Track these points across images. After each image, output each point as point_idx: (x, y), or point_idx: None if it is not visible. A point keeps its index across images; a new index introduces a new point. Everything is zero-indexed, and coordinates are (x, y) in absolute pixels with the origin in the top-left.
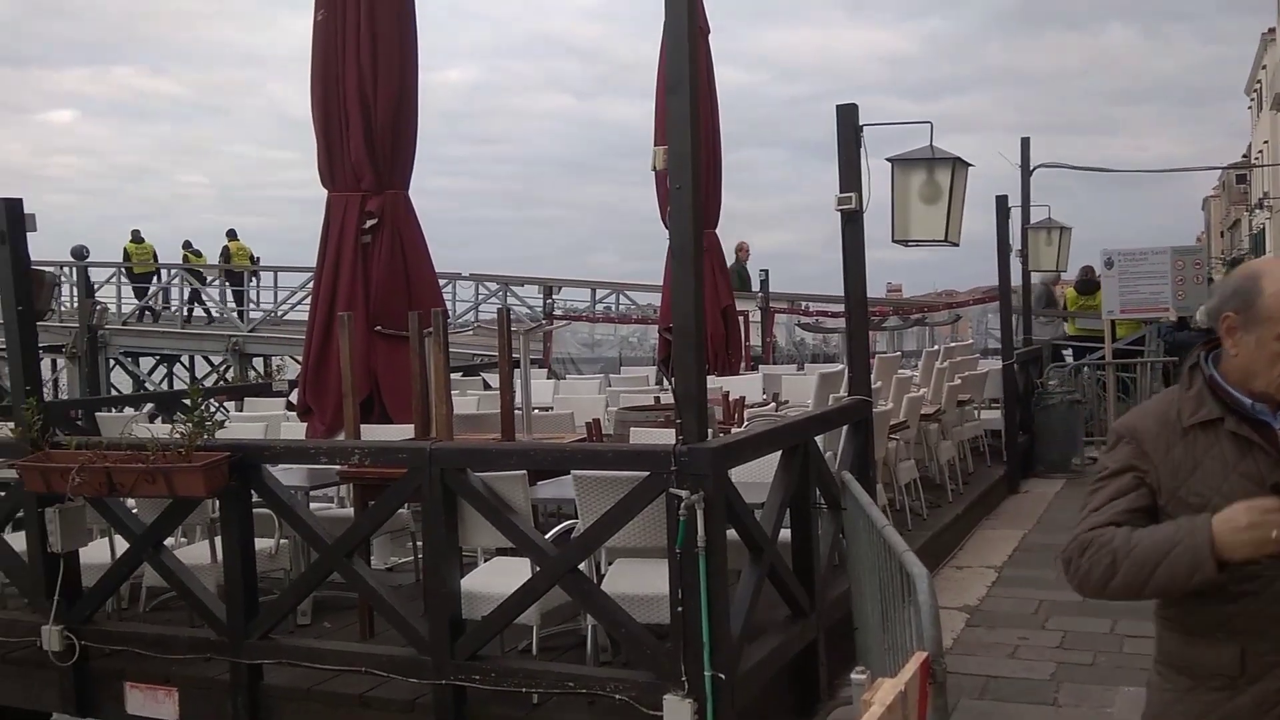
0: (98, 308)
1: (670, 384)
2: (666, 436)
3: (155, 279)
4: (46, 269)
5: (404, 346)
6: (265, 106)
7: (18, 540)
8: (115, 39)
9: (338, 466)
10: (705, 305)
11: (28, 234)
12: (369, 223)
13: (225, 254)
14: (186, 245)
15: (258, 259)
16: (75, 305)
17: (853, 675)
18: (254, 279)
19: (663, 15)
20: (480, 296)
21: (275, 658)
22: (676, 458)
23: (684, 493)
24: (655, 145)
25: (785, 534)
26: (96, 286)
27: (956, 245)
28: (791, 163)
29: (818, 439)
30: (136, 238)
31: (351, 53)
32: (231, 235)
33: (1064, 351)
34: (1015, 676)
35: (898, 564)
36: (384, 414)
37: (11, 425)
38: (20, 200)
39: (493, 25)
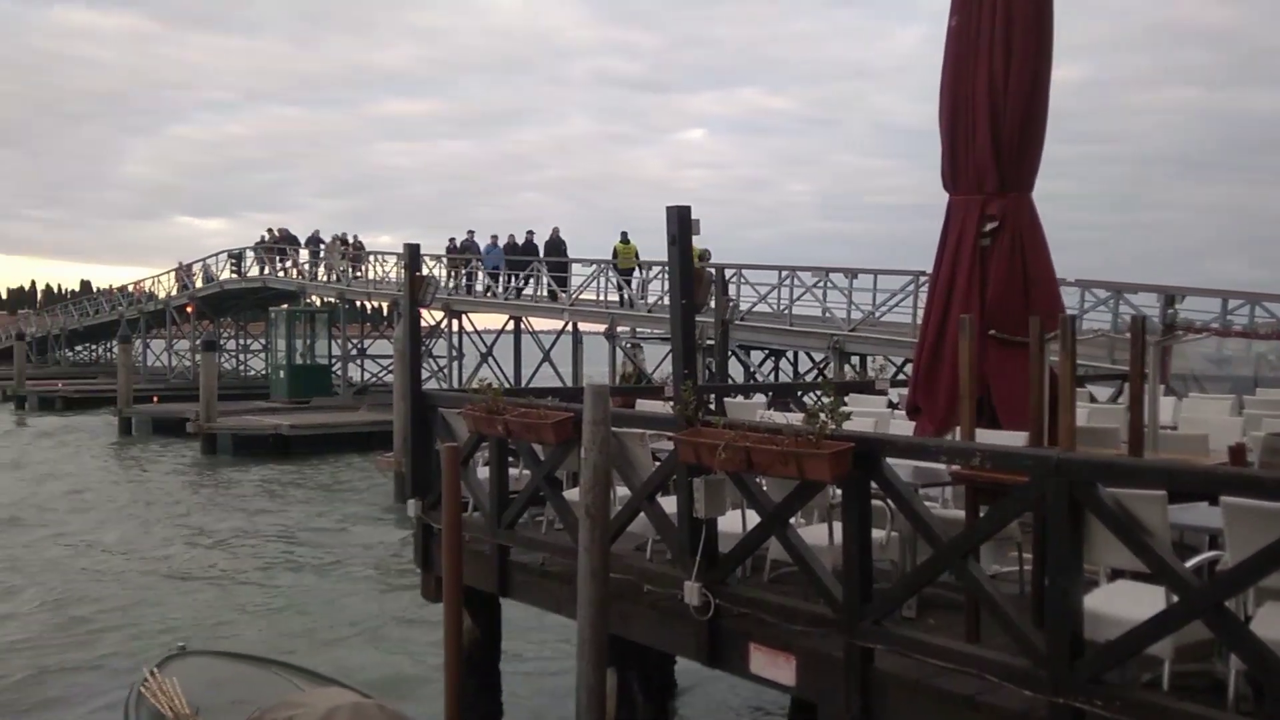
0: (730, 304)
1: None
2: None
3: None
4: (708, 268)
5: (1018, 352)
6: (868, 117)
7: (667, 503)
8: (741, 63)
9: (948, 466)
10: None
11: (691, 237)
12: (989, 226)
13: (614, 253)
14: (624, 237)
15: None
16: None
17: None
18: (642, 272)
19: None
20: (1086, 304)
21: (887, 644)
22: None
23: None
24: None
25: None
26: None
27: None
28: None
29: None
30: (625, 239)
31: (984, 55)
32: (624, 239)
33: None
34: None
35: None
36: (992, 419)
37: (670, 403)
38: (689, 207)
39: (1109, 18)
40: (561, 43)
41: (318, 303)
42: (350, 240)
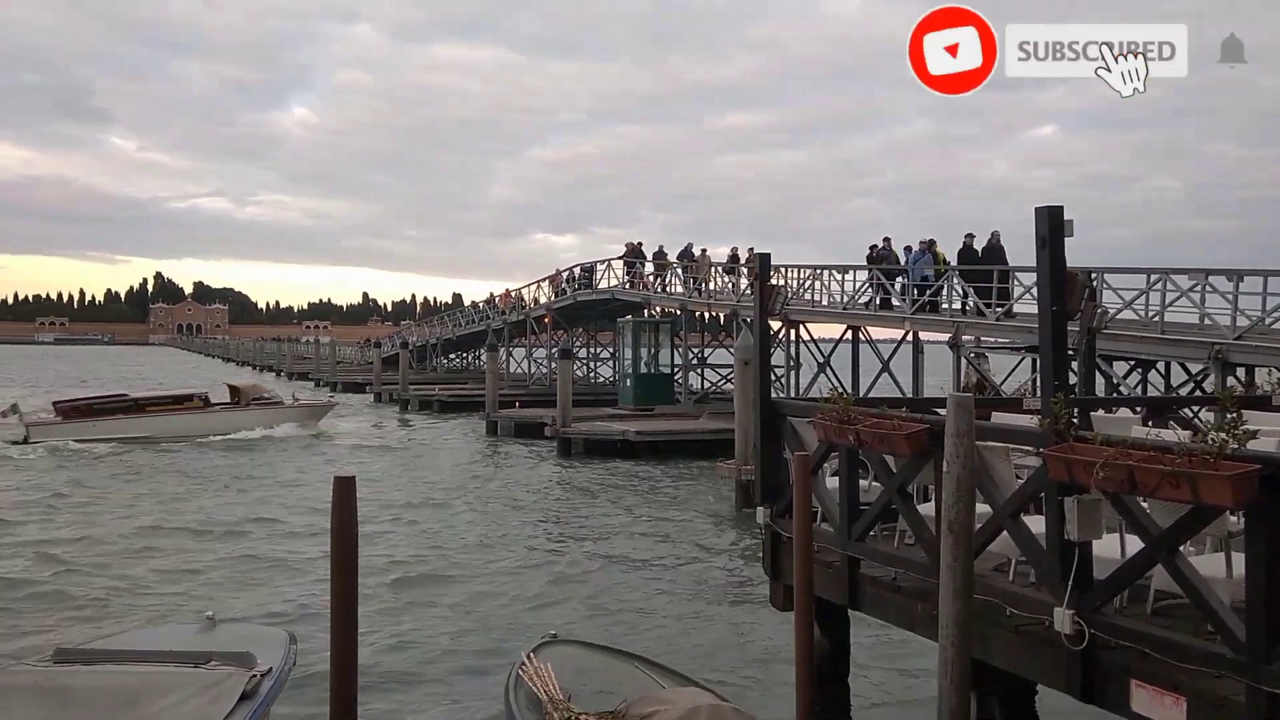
0: (1099, 310)
1: None
2: None
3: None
4: (1079, 271)
5: None
6: (1252, 103)
7: (1033, 522)
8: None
9: None
10: None
11: (1065, 239)
12: None
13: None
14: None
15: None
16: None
17: None
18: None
19: None
20: None
21: None
22: None
23: None
24: None
25: None
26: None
27: None
28: None
29: None
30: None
31: None
32: (931, 244)
33: None
34: None
35: None
36: None
37: (1039, 418)
38: (1061, 208)
39: None
40: (899, 44)
41: (659, 313)
42: (743, 256)
